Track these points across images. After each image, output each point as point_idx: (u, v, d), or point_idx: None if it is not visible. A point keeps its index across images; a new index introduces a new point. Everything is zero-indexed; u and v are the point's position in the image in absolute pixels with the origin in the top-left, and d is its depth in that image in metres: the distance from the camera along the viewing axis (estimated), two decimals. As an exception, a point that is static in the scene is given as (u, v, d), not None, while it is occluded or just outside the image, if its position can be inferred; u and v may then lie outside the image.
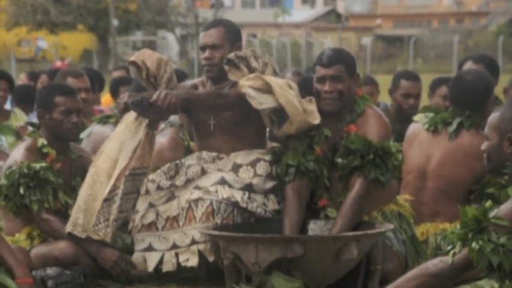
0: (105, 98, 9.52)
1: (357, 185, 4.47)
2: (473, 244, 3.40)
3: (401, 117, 5.99)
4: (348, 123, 4.59)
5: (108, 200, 4.60)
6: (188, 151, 5.28)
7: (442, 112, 4.86)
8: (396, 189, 4.79)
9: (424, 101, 6.24)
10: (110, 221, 4.60)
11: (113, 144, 4.69)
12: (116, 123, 5.28)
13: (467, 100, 4.78)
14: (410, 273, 3.52)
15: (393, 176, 4.53)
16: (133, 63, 4.77)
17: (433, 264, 3.50)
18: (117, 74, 8.71)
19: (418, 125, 4.92)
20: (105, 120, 5.80)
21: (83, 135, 5.73)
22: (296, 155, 4.59)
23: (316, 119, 4.56)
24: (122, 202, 4.62)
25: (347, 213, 4.44)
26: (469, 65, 5.67)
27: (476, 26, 51.71)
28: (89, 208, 4.62)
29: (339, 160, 4.54)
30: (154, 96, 4.51)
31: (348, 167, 4.51)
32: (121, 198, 4.60)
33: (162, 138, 5.31)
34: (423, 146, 4.84)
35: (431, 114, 4.87)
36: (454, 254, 3.46)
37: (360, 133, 4.53)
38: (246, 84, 4.60)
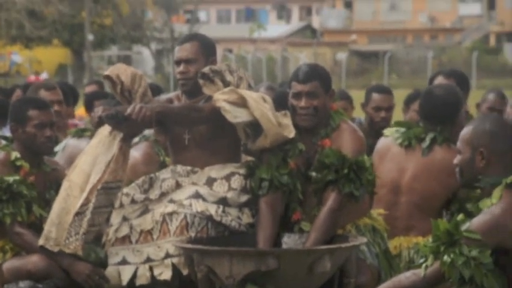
0: (79, 111, 9.49)
1: (331, 199, 4.49)
2: (445, 257, 3.43)
3: (373, 132, 6.03)
4: (323, 137, 4.62)
5: (79, 214, 4.59)
6: (163, 166, 5.28)
7: (414, 127, 4.89)
8: (369, 203, 4.81)
9: (398, 116, 6.28)
10: (79, 235, 4.58)
11: (87, 158, 4.68)
12: (91, 137, 5.26)
13: (437, 114, 4.80)
14: (383, 286, 3.54)
15: (367, 191, 4.56)
16: (108, 77, 4.76)
17: (406, 277, 3.53)
18: (90, 88, 8.68)
19: (389, 139, 4.94)
20: (80, 133, 5.79)
21: (57, 148, 5.71)
22: (270, 168, 4.60)
23: (291, 133, 4.58)
24: (94, 216, 4.60)
25: (321, 227, 4.45)
26: (439, 80, 5.71)
27: (450, 42, 52.15)
28: (62, 222, 4.60)
29: (313, 174, 4.56)
30: (129, 110, 4.51)
31: (322, 181, 4.52)
32: (92, 212, 4.59)
33: (136, 153, 5.30)
34: (396, 160, 4.86)
35: (402, 129, 4.90)
36: (427, 267, 3.49)
37: (334, 147, 4.55)
38: (221, 98, 4.61)
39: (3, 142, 4.99)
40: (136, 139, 5.30)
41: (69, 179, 4.66)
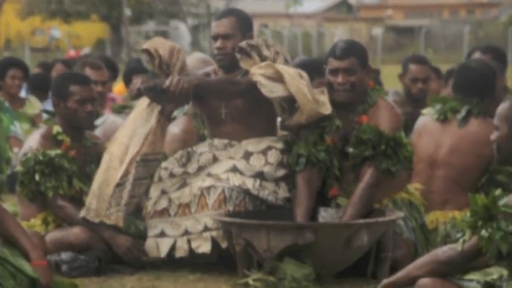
0: (118, 86, 9.56)
1: (368, 174, 4.50)
2: (483, 232, 3.41)
3: (411, 102, 6.02)
4: (360, 114, 4.62)
5: (120, 185, 4.65)
6: (203, 139, 5.31)
7: (450, 101, 4.89)
8: (407, 178, 4.80)
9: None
10: (121, 206, 4.64)
11: (126, 130, 4.74)
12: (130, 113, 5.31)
13: (472, 87, 4.79)
14: (419, 260, 3.54)
15: (404, 167, 4.56)
16: (146, 51, 4.80)
17: (443, 251, 3.52)
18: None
19: (427, 117, 4.94)
20: (120, 110, 5.84)
21: (97, 122, 5.77)
22: (307, 145, 4.62)
23: (328, 110, 4.59)
24: (133, 187, 4.66)
25: (358, 202, 4.47)
26: (477, 55, 5.70)
27: (487, 17, 51.46)
28: (102, 193, 4.66)
29: (350, 150, 4.57)
30: (167, 82, 4.55)
31: (359, 156, 4.53)
32: (132, 183, 4.64)
33: (175, 128, 5.32)
34: (433, 135, 4.87)
35: (439, 105, 4.90)
36: (464, 241, 3.48)
37: (371, 124, 4.55)
38: (258, 72, 4.63)
39: (46, 116, 5.06)
40: (175, 113, 5.34)
41: (110, 152, 4.72)
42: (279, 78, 4.61)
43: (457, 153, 4.77)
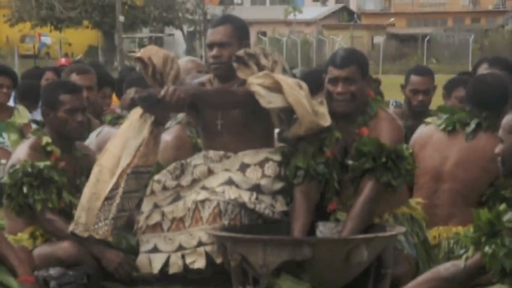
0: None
1: (368, 187, 4.41)
2: (486, 248, 3.36)
3: (412, 114, 5.94)
4: (360, 125, 4.53)
5: (109, 199, 4.54)
6: (196, 149, 5.22)
7: (458, 112, 4.81)
8: (408, 192, 4.72)
9: (439, 102, 6.15)
10: (108, 219, 4.54)
11: (117, 142, 4.64)
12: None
13: (487, 101, 4.73)
14: (421, 277, 3.49)
15: (405, 180, 4.48)
16: (140, 59, 4.73)
17: (445, 268, 3.47)
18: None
19: (431, 126, 4.87)
20: (115, 121, 5.74)
21: (93, 134, 5.66)
22: (306, 157, 4.52)
23: (327, 122, 4.49)
24: (123, 200, 4.55)
25: (357, 216, 4.38)
26: (484, 67, 5.63)
27: (493, 25, 51.58)
28: (91, 207, 4.56)
29: (350, 162, 4.47)
30: (162, 92, 4.46)
31: (359, 169, 4.44)
32: (122, 196, 4.54)
33: (167, 137, 5.25)
34: (438, 146, 4.78)
35: (445, 115, 4.82)
36: (467, 258, 3.43)
37: (372, 136, 4.46)
38: (255, 82, 4.54)
39: (35, 126, 4.96)
40: (168, 123, 5.25)
41: (100, 163, 4.61)
42: (277, 88, 4.52)
43: (463, 166, 4.69)
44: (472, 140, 4.71)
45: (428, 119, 4.92)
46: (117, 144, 4.62)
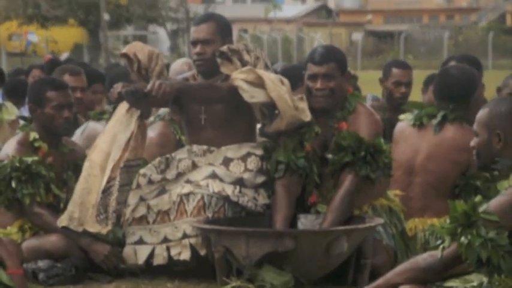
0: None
1: (347, 180, 4.49)
2: (463, 238, 3.41)
3: (392, 107, 6.02)
4: (339, 120, 4.61)
5: (105, 191, 4.61)
6: (179, 145, 5.28)
7: (427, 107, 4.89)
8: (386, 184, 4.80)
9: (417, 96, 6.26)
10: (109, 213, 4.61)
11: (106, 137, 4.70)
12: (109, 120, 5.27)
13: (452, 94, 4.80)
14: (399, 267, 3.53)
15: (383, 173, 4.56)
16: (125, 55, 4.78)
17: (423, 258, 3.51)
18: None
19: (404, 123, 4.94)
20: (99, 116, 5.79)
21: (78, 131, 5.72)
22: (286, 151, 4.60)
23: (307, 117, 4.58)
24: (119, 194, 4.62)
25: (337, 208, 4.46)
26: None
27: (467, 22, 51.72)
28: (84, 202, 4.62)
29: (330, 156, 4.56)
30: (149, 86, 4.53)
31: (339, 163, 4.53)
32: (118, 189, 4.61)
33: (151, 133, 5.29)
34: (410, 141, 4.86)
35: (416, 111, 4.91)
36: (443, 248, 3.47)
37: (351, 130, 4.54)
38: (239, 77, 4.61)
39: (22, 122, 5.01)
40: (151, 118, 5.32)
41: (90, 159, 4.68)
42: (260, 83, 4.60)
43: (433, 159, 4.77)
44: (440, 133, 4.78)
45: (402, 116, 5.00)
46: (106, 140, 4.69)
